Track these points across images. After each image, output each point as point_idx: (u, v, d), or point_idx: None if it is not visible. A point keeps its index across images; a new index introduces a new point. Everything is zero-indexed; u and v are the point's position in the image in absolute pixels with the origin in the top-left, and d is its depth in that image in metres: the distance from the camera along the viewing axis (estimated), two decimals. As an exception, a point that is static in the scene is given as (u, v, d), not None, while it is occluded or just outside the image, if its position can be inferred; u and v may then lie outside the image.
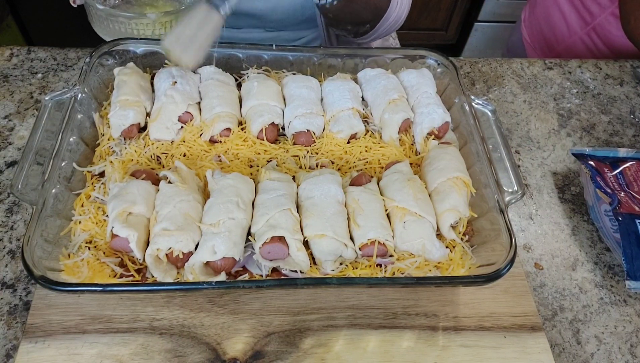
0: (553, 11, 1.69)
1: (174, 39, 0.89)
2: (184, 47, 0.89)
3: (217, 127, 0.97)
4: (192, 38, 0.89)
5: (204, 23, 0.89)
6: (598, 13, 1.55)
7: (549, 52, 1.74)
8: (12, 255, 0.90)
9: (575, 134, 1.26)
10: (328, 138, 1.01)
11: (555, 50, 1.71)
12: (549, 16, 1.70)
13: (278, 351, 0.81)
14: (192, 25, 0.89)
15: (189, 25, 0.89)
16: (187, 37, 0.89)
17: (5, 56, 1.25)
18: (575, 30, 1.63)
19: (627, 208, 0.98)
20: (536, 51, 1.79)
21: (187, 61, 0.90)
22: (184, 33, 0.89)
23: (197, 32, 0.89)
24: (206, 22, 0.89)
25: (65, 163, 0.87)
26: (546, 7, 1.71)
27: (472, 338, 0.85)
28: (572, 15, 1.63)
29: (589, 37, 1.61)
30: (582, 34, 1.61)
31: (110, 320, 0.82)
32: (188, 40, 0.89)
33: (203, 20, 0.89)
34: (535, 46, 1.79)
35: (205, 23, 0.89)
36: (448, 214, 0.87)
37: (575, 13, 1.62)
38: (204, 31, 0.89)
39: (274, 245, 0.79)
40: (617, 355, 0.89)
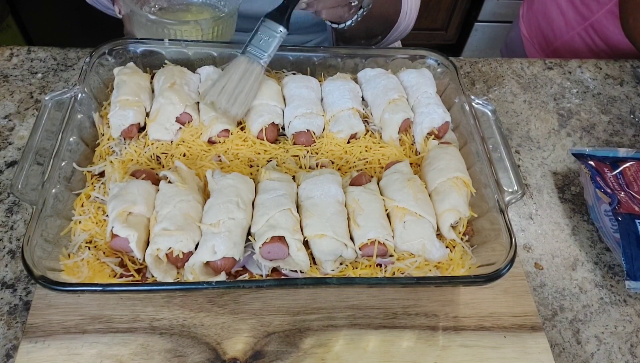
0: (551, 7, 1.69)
1: (218, 91, 0.92)
2: (229, 99, 0.92)
3: (215, 129, 0.97)
4: (235, 90, 0.92)
5: (246, 74, 0.92)
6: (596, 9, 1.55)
7: (546, 48, 1.74)
8: (12, 255, 0.90)
9: (575, 134, 1.26)
10: (328, 137, 1.01)
11: (553, 45, 1.71)
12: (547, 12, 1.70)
13: (278, 351, 0.81)
14: (234, 77, 0.92)
15: (232, 78, 0.92)
16: (231, 89, 0.92)
17: (5, 56, 1.25)
18: (573, 25, 1.63)
19: (626, 208, 0.98)
20: (534, 47, 1.79)
21: (234, 113, 0.93)
22: (228, 86, 0.92)
23: (240, 83, 0.92)
24: (248, 73, 0.92)
25: (65, 163, 0.87)
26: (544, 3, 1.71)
27: (472, 338, 0.85)
28: (570, 11, 1.63)
29: (586, 33, 1.61)
30: (580, 29, 1.61)
31: (110, 320, 0.82)
32: (232, 93, 0.92)
33: (244, 72, 0.92)
34: (533, 42, 1.79)
35: (248, 75, 0.92)
36: (448, 214, 0.87)
37: (573, 9, 1.62)
38: (247, 82, 0.92)
39: (274, 245, 0.79)
40: (617, 355, 0.89)
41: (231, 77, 0.92)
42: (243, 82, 0.92)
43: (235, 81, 0.92)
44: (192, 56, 1.07)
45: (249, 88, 0.93)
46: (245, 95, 0.93)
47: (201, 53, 1.07)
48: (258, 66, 0.93)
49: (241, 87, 0.92)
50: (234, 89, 0.92)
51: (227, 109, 0.92)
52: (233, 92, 0.92)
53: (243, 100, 0.93)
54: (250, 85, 0.93)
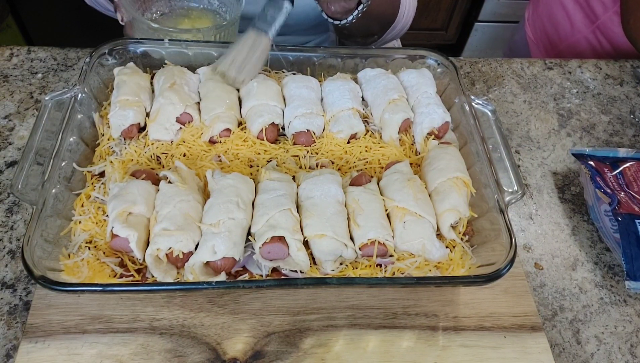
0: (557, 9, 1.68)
1: (229, 62, 0.99)
2: (238, 69, 0.99)
3: (216, 128, 0.97)
4: (244, 60, 0.99)
5: (254, 46, 0.99)
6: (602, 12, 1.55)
7: (552, 50, 1.74)
8: (12, 255, 0.90)
9: (575, 134, 1.26)
10: (328, 138, 1.01)
11: (558, 48, 1.71)
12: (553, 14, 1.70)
13: (278, 351, 0.81)
14: (244, 49, 0.98)
15: (241, 50, 0.99)
16: (241, 60, 0.99)
17: (5, 56, 1.25)
18: (580, 28, 1.63)
19: (626, 208, 0.98)
20: (539, 49, 1.79)
21: (241, 79, 1.00)
22: (238, 57, 0.99)
23: (248, 54, 0.99)
24: (256, 45, 0.99)
25: (65, 163, 0.87)
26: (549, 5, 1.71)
27: (472, 338, 0.85)
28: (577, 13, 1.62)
29: (594, 35, 1.60)
30: (587, 32, 1.61)
31: (110, 320, 0.82)
32: (241, 63, 0.99)
33: (253, 44, 0.98)
34: (538, 44, 1.79)
35: (255, 46, 0.99)
36: (448, 214, 0.87)
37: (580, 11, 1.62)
38: (255, 54, 0.99)
39: (274, 245, 0.79)
40: (617, 355, 0.89)
41: (240, 49, 0.98)
42: (251, 54, 0.98)
43: (244, 53, 0.98)
44: (192, 57, 1.07)
45: (256, 59, 0.99)
46: (252, 65, 1.00)
47: (201, 53, 1.07)
48: (265, 39, 0.98)
49: (249, 58, 0.99)
50: (243, 60, 0.99)
51: (235, 78, 0.99)
52: (242, 63, 0.99)
53: (250, 69, 1.00)
54: (257, 56, 0.99)
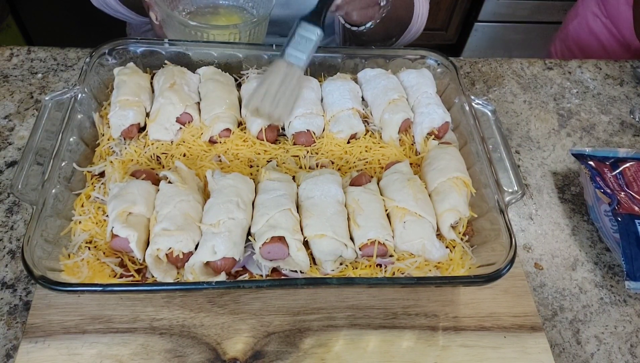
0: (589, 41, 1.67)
1: (261, 97, 0.92)
2: (272, 102, 0.92)
3: (216, 128, 0.97)
4: (277, 94, 0.92)
5: (286, 79, 0.92)
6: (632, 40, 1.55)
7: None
8: (12, 255, 0.90)
9: (575, 134, 1.26)
10: (328, 138, 1.01)
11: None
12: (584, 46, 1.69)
13: (278, 351, 0.81)
14: (275, 82, 0.92)
15: (272, 83, 0.92)
16: (273, 93, 0.92)
17: (5, 56, 1.25)
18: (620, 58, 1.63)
19: (626, 209, 0.98)
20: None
21: (278, 115, 0.93)
22: (270, 90, 0.92)
23: (281, 88, 0.92)
24: (288, 77, 0.92)
25: (65, 163, 0.87)
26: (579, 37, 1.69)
27: (472, 338, 0.85)
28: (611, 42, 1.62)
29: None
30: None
31: (110, 320, 0.82)
32: (274, 96, 0.92)
33: (285, 76, 0.92)
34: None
35: (288, 79, 0.92)
36: (448, 214, 0.87)
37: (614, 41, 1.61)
38: (289, 86, 0.93)
39: (274, 245, 0.79)
40: (617, 355, 0.89)
41: (272, 81, 0.92)
42: (284, 87, 0.92)
43: (277, 85, 0.92)
44: (192, 56, 1.07)
45: (290, 91, 0.93)
46: (287, 98, 0.93)
47: (201, 53, 1.07)
48: (298, 70, 0.93)
49: (283, 91, 0.92)
50: (276, 93, 0.92)
51: (270, 113, 0.92)
52: (275, 96, 0.92)
53: (285, 103, 0.93)
54: (292, 89, 0.93)
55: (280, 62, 0.93)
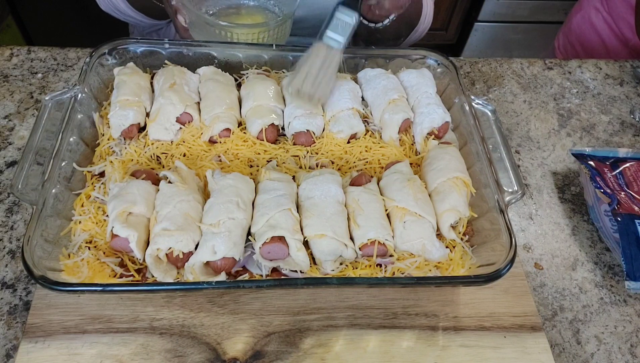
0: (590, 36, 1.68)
1: (302, 78, 0.96)
2: (312, 84, 0.96)
3: (216, 128, 0.97)
4: (317, 76, 0.96)
5: (326, 61, 0.96)
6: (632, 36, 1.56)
7: None
8: (12, 255, 0.90)
9: (575, 134, 1.26)
10: (328, 138, 1.00)
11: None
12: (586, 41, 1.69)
13: (278, 351, 0.81)
14: (315, 64, 0.96)
15: (313, 65, 0.96)
16: (314, 75, 0.96)
17: (5, 56, 1.25)
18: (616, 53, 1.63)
19: (626, 209, 0.98)
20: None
21: (319, 96, 0.97)
22: (311, 72, 0.96)
23: (321, 70, 0.96)
24: (328, 60, 0.96)
25: (65, 163, 0.87)
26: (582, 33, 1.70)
27: (472, 338, 0.85)
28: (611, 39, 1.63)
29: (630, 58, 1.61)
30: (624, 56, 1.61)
31: (110, 320, 0.82)
32: (315, 78, 0.96)
33: (325, 59, 0.96)
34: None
35: (327, 61, 0.96)
36: (448, 214, 0.87)
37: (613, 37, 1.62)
38: (329, 69, 0.96)
39: (274, 245, 0.79)
40: (617, 355, 0.89)
41: (313, 64, 0.96)
42: (324, 69, 0.96)
43: (317, 68, 0.95)
44: (193, 56, 1.07)
45: (330, 74, 0.97)
46: (326, 82, 0.97)
47: (201, 53, 1.07)
48: (337, 53, 0.96)
49: (323, 73, 0.96)
50: (317, 75, 0.96)
51: (312, 94, 0.96)
52: (316, 78, 0.96)
53: (325, 86, 0.97)
54: (331, 71, 0.97)
55: (319, 46, 0.96)
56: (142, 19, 1.27)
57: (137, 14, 1.25)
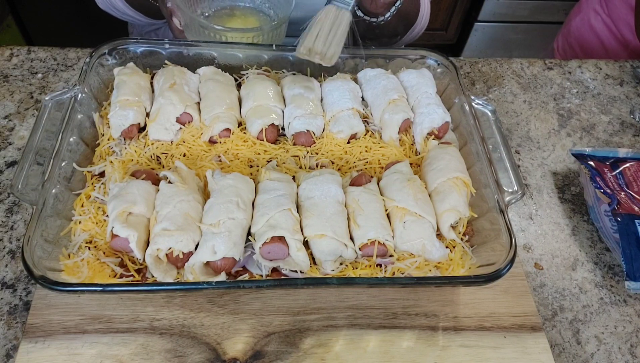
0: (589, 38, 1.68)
1: (314, 38, 0.96)
2: (324, 43, 0.96)
3: (216, 128, 0.97)
4: (329, 35, 0.96)
5: (337, 21, 0.97)
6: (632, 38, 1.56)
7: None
8: (12, 255, 0.90)
9: (575, 134, 1.26)
10: (328, 138, 1.01)
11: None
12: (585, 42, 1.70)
13: (278, 351, 0.81)
14: (326, 24, 0.96)
15: (323, 25, 0.96)
16: (325, 34, 0.96)
17: (5, 56, 1.25)
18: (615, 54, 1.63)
19: (626, 209, 0.98)
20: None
21: (331, 53, 0.97)
22: (322, 32, 0.96)
23: (332, 29, 0.96)
24: (338, 20, 0.97)
25: (65, 163, 0.87)
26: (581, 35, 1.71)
27: (472, 338, 0.85)
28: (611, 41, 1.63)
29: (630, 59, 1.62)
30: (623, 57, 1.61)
31: (110, 320, 0.82)
32: (326, 37, 0.96)
33: (335, 19, 0.97)
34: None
35: (338, 21, 0.97)
36: (448, 215, 0.87)
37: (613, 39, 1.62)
38: (339, 28, 0.97)
39: (274, 245, 0.79)
40: (617, 355, 0.89)
41: (323, 24, 0.97)
42: (335, 28, 0.96)
43: (328, 27, 0.96)
44: (193, 56, 1.07)
45: (341, 33, 0.97)
46: (338, 40, 0.97)
47: (201, 54, 1.07)
48: (347, 12, 0.97)
49: (334, 32, 0.97)
50: (328, 34, 0.96)
51: (323, 52, 0.96)
52: (327, 37, 0.96)
53: (336, 44, 0.97)
54: (342, 30, 0.97)
55: (329, 8, 0.97)
56: (140, 17, 1.27)
57: (134, 12, 1.25)
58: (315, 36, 0.96)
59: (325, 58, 0.97)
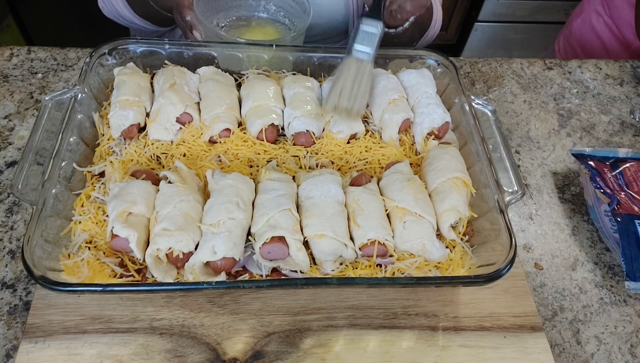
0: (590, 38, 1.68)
1: (337, 95, 0.98)
2: (349, 99, 0.97)
3: (216, 128, 0.97)
4: (352, 89, 0.97)
5: (358, 74, 0.98)
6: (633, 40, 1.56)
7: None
8: (12, 255, 0.90)
9: (575, 134, 1.26)
10: (328, 138, 1.00)
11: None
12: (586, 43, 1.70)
13: (278, 351, 0.81)
14: (349, 79, 0.97)
15: (346, 80, 0.98)
16: (349, 89, 0.97)
17: (5, 56, 1.25)
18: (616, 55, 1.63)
19: (626, 209, 0.98)
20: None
21: (357, 109, 0.98)
22: (345, 87, 0.98)
23: (354, 83, 0.98)
24: (360, 73, 0.98)
25: (65, 163, 0.87)
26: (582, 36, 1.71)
27: (472, 338, 0.85)
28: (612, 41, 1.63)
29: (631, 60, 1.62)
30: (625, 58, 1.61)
31: (110, 320, 0.82)
32: (350, 93, 0.97)
33: (357, 72, 0.97)
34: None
35: (360, 74, 0.98)
36: (448, 215, 0.87)
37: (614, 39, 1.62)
38: (362, 81, 0.98)
39: (274, 245, 0.79)
40: (617, 355, 0.89)
41: (346, 79, 0.97)
42: (357, 82, 0.97)
43: (351, 82, 0.97)
44: (193, 56, 1.07)
45: (364, 86, 0.98)
46: (362, 92, 0.98)
47: (201, 53, 1.07)
48: (368, 64, 0.98)
49: (357, 86, 0.98)
50: (351, 89, 0.97)
51: (350, 108, 0.98)
52: (351, 92, 0.97)
53: (362, 97, 0.98)
54: (365, 82, 0.98)
55: (349, 60, 0.98)
56: (146, 25, 1.27)
57: (141, 21, 1.25)
58: (340, 92, 0.97)
59: (352, 114, 0.99)
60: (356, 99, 0.97)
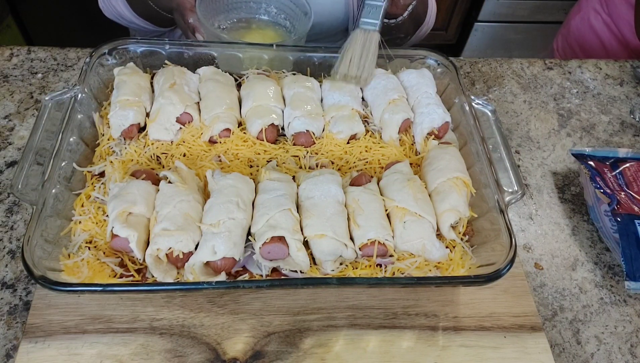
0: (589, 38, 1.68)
1: (347, 64, 1.04)
2: (358, 67, 1.03)
3: (216, 128, 0.97)
4: (361, 59, 1.03)
5: (366, 44, 1.03)
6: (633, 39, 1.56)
7: None
8: (12, 255, 0.90)
9: (575, 134, 1.26)
10: (328, 138, 1.00)
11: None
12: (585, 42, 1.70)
13: (278, 351, 0.81)
14: (357, 49, 1.03)
15: (355, 51, 1.03)
16: (357, 59, 1.03)
17: (5, 56, 1.25)
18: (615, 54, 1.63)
19: (626, 209, 0.98)
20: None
21: (365, 78, 1.05)
22: (354, 57, 1.03)
23: (363, 53, 1.03)
24: (367, 43, 1.03)
25: (65, 163, 0.87)
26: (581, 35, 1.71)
27: (472, 338, 0.85)
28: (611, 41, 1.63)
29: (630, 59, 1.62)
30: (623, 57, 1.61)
31: (110, 320, 0.82)
32: (359, 62, 1.03)
33: (364, 43, 1.03)
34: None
35: (367, 44, 1.03)
36: (448, 215, 0.87)
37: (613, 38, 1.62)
38: (370, 51, 1.03)
39: (274, 245, 0.79)
40: (617, 355, 0.89)
41: (354, 49, 1.03)
42: (365, 51, 1.03)
43: (359, 52, 1.03)
44: (193, 56, 1.07)
45: (372, 55, 1.03)
46: (369, 62, 1.04)
47: (201, 53, 1.07)
48: (374, 34, 1.02)
49: (365, 56, 1.03)
50: (360, 59, 1.03)
51: (358, 76, 1.04)
52: (359, 61, 1.03)
53: (369, 66, 1.04)
54: (372, 52, 1.03)
55: (357, 32, 1.03)
56: (147, 26, 1.27)
57: (141, 21, 1.25)
58: (349, 62, 1.03)
59: (361, 81, 1.05)
60: (364, 68, 1.03)
